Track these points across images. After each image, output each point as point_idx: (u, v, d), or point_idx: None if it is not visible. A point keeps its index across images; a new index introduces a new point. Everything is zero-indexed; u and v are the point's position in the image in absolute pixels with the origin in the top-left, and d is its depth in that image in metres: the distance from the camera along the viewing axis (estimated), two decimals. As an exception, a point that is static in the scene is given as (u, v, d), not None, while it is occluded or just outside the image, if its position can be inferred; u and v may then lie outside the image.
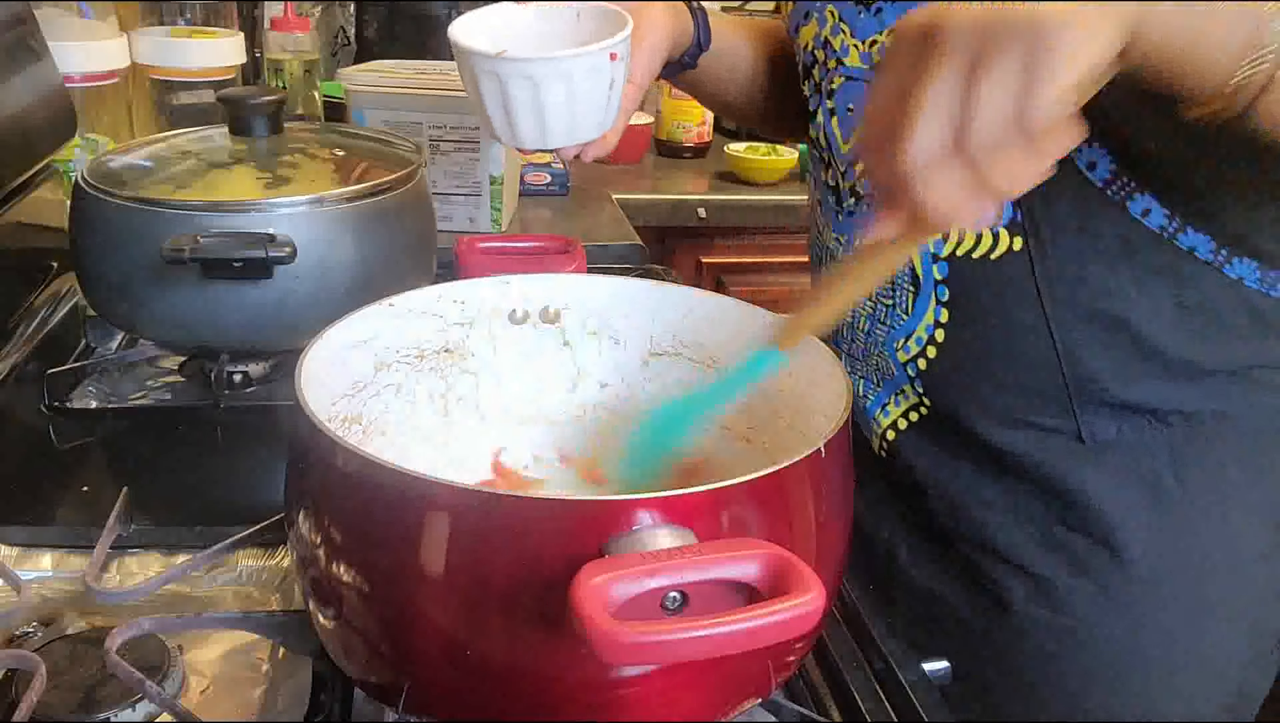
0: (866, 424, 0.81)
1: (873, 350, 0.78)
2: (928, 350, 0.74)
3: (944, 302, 0.72)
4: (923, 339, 0.74)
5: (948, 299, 0.72)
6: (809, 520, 0.49)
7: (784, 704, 0.57)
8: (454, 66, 0.78)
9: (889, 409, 0.79)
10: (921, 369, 0.75)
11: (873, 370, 0.79)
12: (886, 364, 0.77)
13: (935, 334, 0.73)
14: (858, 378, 0.80)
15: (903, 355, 0.76)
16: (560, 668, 0.45)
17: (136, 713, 0.54)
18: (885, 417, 0.79)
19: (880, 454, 0.81)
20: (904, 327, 0.75)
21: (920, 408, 0.77)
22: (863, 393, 0.80)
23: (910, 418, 0.78)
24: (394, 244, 0.87)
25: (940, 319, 0.73)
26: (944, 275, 0.71)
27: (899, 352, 0.76)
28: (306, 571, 0.51)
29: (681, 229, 1.59)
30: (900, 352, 0.76)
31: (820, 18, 0.77)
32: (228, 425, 0.86)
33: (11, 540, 0.67)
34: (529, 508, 0.44)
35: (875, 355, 0.78)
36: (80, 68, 1.14)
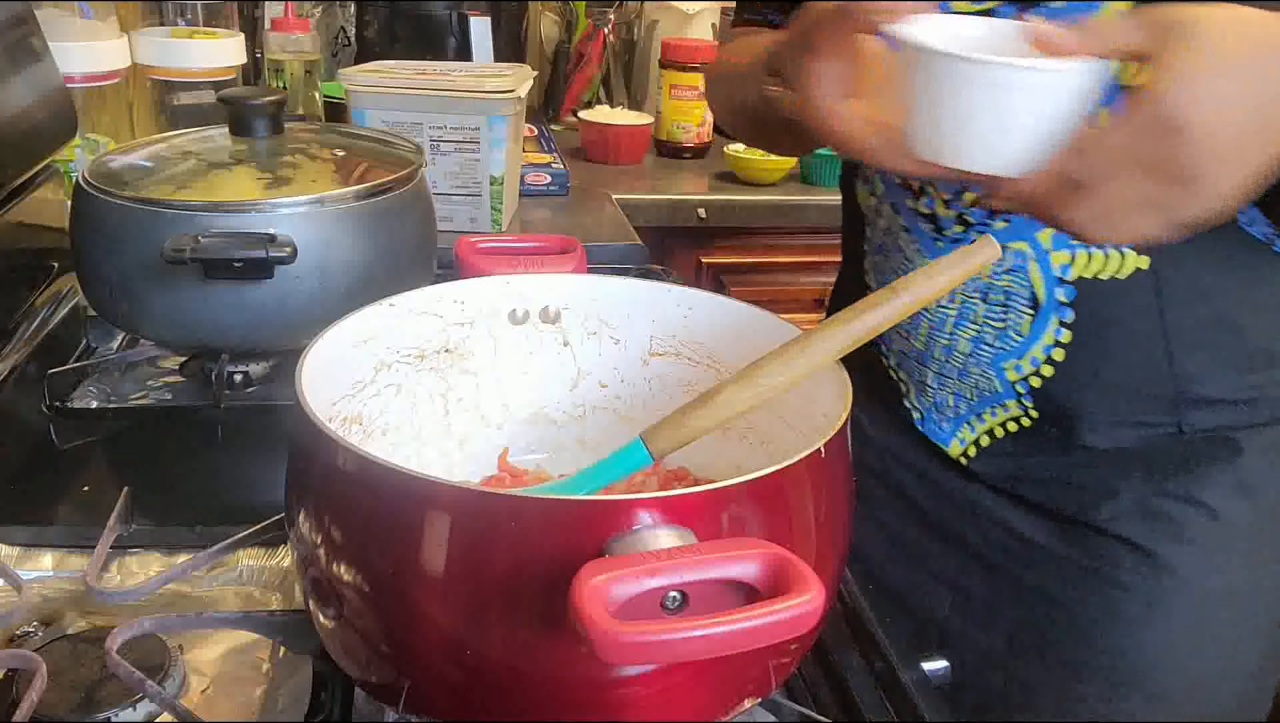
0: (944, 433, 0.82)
1: (973, 370, 0.78)
2: (1043, 370, 0.75)
3: (1067, 323, 0.73)
4: (1039, 359, 0.75)
5: (1072, 321, 0.73)
6: (809, 520, 0.49)
7: (784, 704, 0.57)
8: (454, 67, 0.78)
9: (984, 418, 0.80)
10: (1034, 387, 0.76)
11: (969, 387, 0.79)
12: (989, 383, 0.78)
13: (1053, 354, 0.74)
14: (945, 393, 0.81)
15: (1013, 375, 0.76)
16: (560, 668, 0.45)
17: (137, 713, 0.54)
18: (980, 424, 0.80)
19: (960, 460, 0.82)
20: (1016, 348, 0.75)
21: (1023, 420, 0.78)
22: (952, 405, 0.81)
23: (1009, 428, 0.79)
24: (394, 244, 0.87)
25: (1061, 340, 0.73)
26: (1070, 298, 0.72)
27: (1008, 371, 0.76)
28: (307, 570, 0.51)
29: (681, 229, 1.59)
30: (1010, 371, 0.76)
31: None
32: (228, 425, 0.86)
33: (12, 540, 0.67)
34: (529, 508, 0.44)
35: (976, 374, 0.78)
36: (81, 68, 1.14)
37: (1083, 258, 0.71)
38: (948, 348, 0.79)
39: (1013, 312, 0.75)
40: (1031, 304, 0.73)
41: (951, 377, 0.80)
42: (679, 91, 1.74)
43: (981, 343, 0.77)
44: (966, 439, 0.81)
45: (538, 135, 1.64)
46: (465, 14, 1.64)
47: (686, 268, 1.62)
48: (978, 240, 0.54)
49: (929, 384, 0.82)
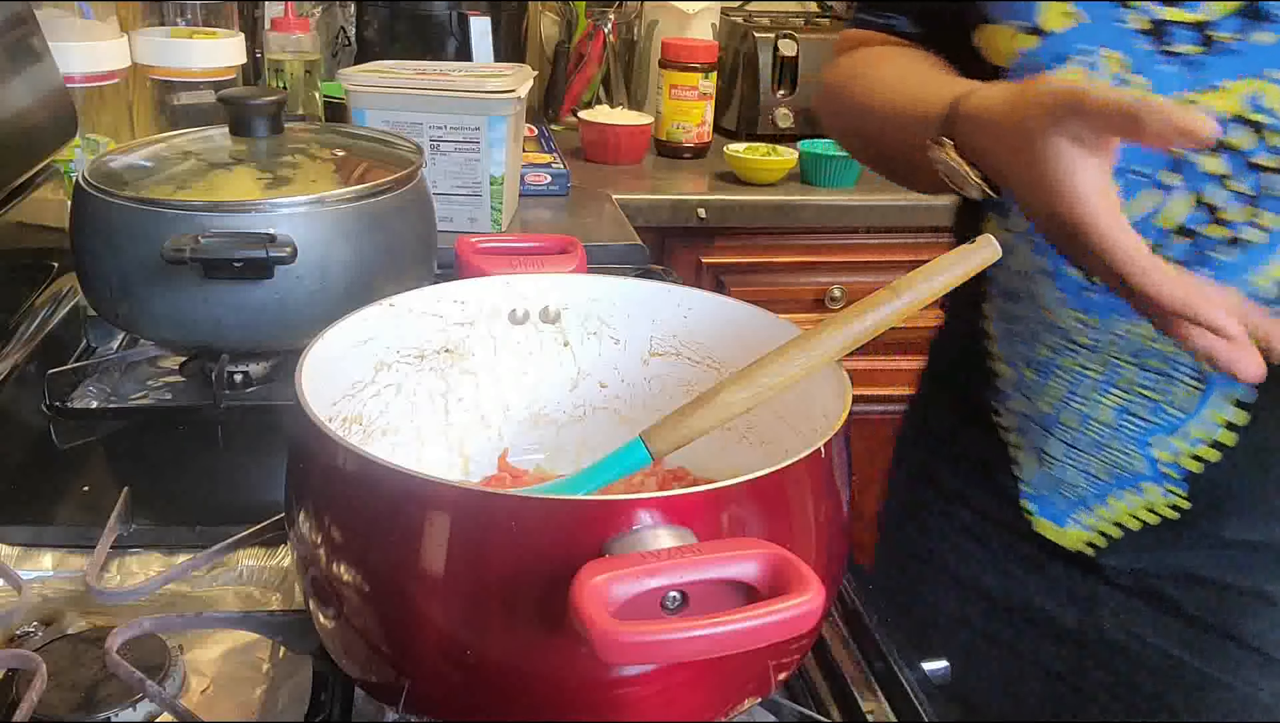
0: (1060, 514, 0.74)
1: (1114, 444, 0.69)
2: (1204, 452, 0.66)
3: (1246, 403, 0.65)
4: (1201, 440, 0.66)
5: (1253, 401, 0.64)
6: (809, 520, 0.49)
7: (784, 704, 0.57)
8: (454, 67, 0.78)
9: (1112, 503, 0.71)
10: (1191, 472, 0.67)
11: (1103, 464, 0.70)
12: (1130, 461, 0.69)
13: (1220, 436, 0.66)
14: (1070, 467, 0.72)
15: (1163, 454, 0.67)
16: (560, 668, 0.45)
17: (137, 713, 0.54)
18: (1107, 510, 0.71)
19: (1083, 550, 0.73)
20: (1172, 424, 0.67)
21: (1163, 508, 0.69)
22: (1076, 483, 0.72)
23: (1148, 519, 0.70)
24: (394, 244, 0.87)
25: (1234, 421, 0.65)
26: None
27: (1156, 450, 0.67)
28: (307, 570, 0.51)
29: (681, 229, 1.59)
30: (1159, 450, 0.67)
31: (1093, 64, 0.63)
32: (228, 425, 0.86)
33: (12, 540, 0.67)
34: (529, 508, 0.44)
35: (1116, 449, 0.69)
36: (81, 68, 1.14)
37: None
38: (1084, 415, 0.70)
39: (1175, 382, 0.65)
40: (1198, 376, 0.64)
41: (1083, 450, 0.71)
42: (679, 91, 1.74)
43: (1128, 414, 0.68)
44: (1090, 526, 0.72)
45: (538, 135, 1.64)
46: (465, 14, 1.64)
47: (686, 268, 1.62)
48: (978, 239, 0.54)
49: (1051, 455, 0.72)
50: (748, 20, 1.87)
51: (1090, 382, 0.69)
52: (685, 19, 1.89)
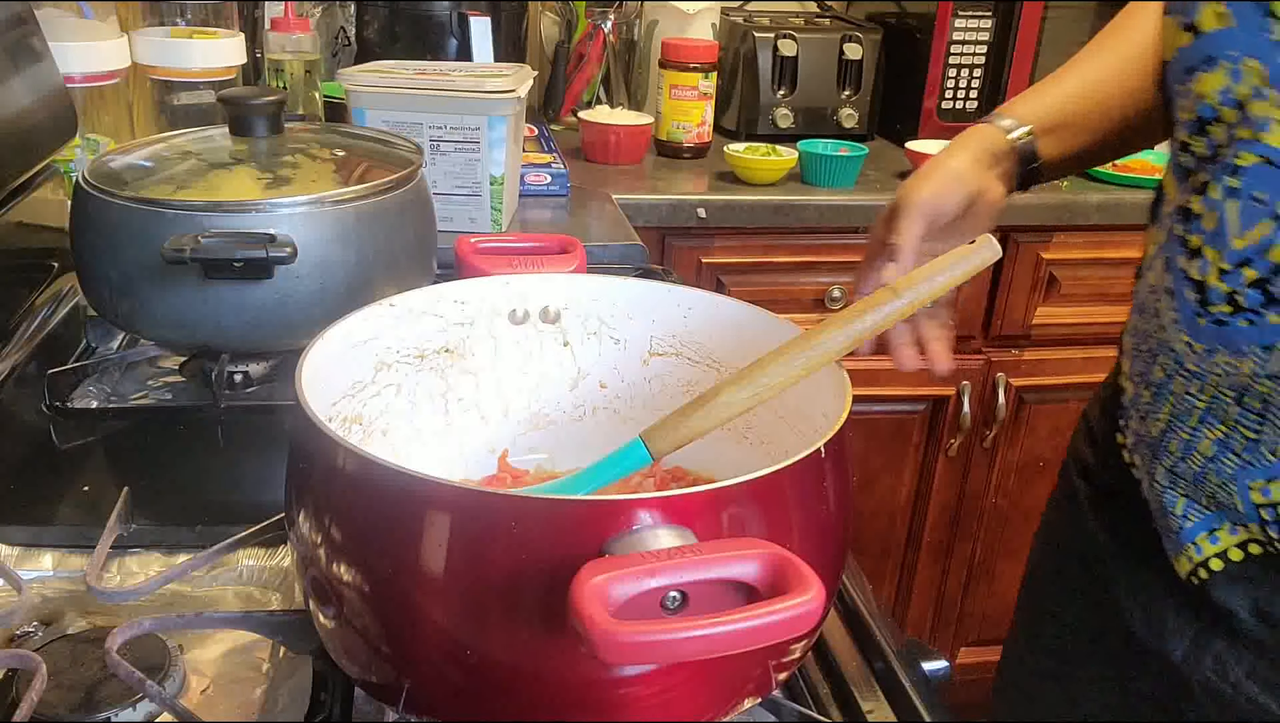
0: (1177, 545, 0.70)
1: (1212, 478, 0.66)
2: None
3: None
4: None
5: None
6: (809, 520, 0.49)
7: (784, 704, 0.57)
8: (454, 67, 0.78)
9: (1218, 536, 0.67)
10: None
11: (1204, 495, 0.67)
12: (1229, 497, 0.65)
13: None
14: (1175, 495, 0.68)
15: (1259, 497, 0.64)
16: (560, 668, 0.45)
17: (137, 713, 0.54)
18: (1213, 543, 0.67)
19: (1190, 581, 0.70)
20: (1269, 469, 0.63)
21: (1270, 546, 0.65)
22: (1183, 513, 0.68)
23: (1250, 550, 0.67)
24: (394, 244, 0.87)
25: None
26: None
27: (1253, 492, 0.64)
28: (307, 570, 0.51)
29: (681, 229, 1.59)
30: (1255, 493, 0.64)
31: (1235, 71, 0.59)
32: (228, 425, 0.86)
33: (12, 540, 0.67)
34: (529, 508, 0.44)
35: (1214, 484, 0.66)
36: (81, 68, 1.14)
37: None
38: (1187, 444, 0.67)
39: (1271, 425, 0.62)
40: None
41: (1186, 479, 0.67)
42: (679, 91, 1.74)
43: (1228, 450, 0.64)
44: (1201, 553, 0.68)
45: (538, 135, 1.64)
46: (465, 14, 1.64)
47: (686, 268, 1.62)
48: (978, 239, 0.54)
49: (1158, 480, 0.69)
50: (748, 20, 1.87)
51: (1195, 410, 0.66)
52: (685, 19, 1.89)
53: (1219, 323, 0.62)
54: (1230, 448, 0.64)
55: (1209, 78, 0.61)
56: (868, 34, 1.82)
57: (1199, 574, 0.68)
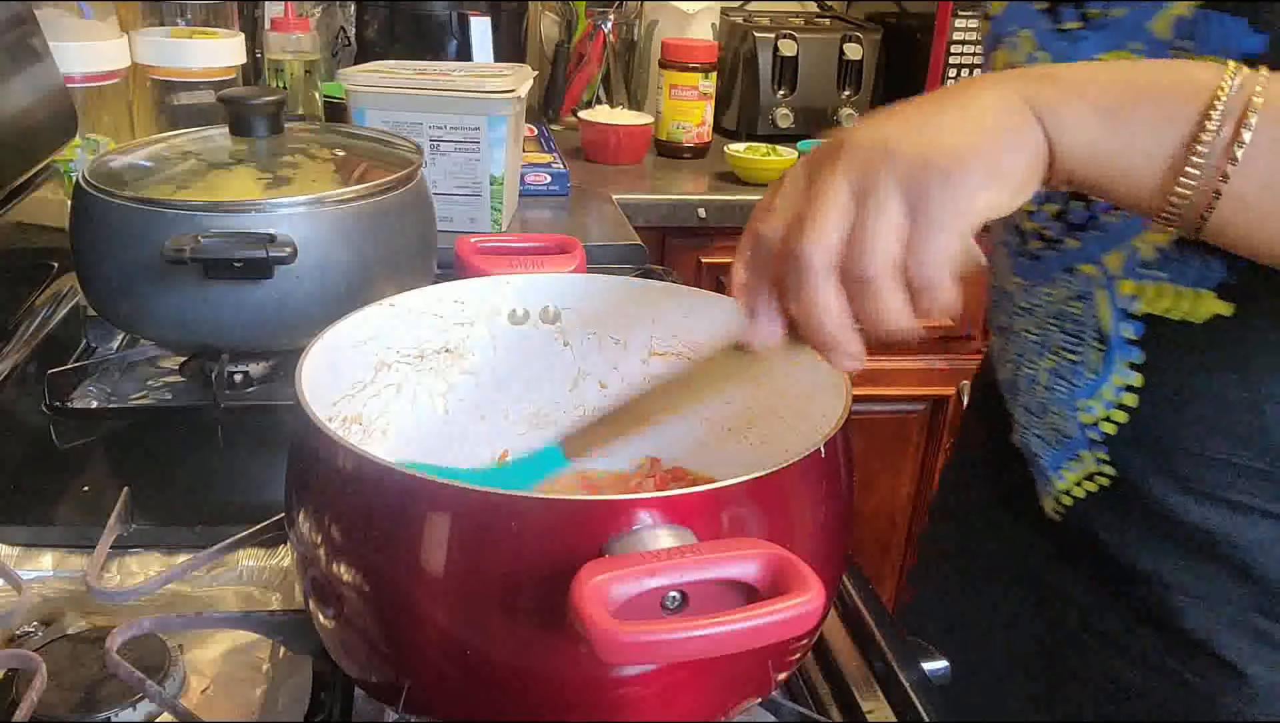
0: (1042, 484, 0.74)
1: (1051, 407, 0.71)
2: (1115, 415, 0.67)
3: (1137, 365, 0.65)
4: (1110, 402, 0.67)
5: (1142, 362, 0.65)
6: (809, 520, 0.49)
7: (784, 704, 0.57)
8: (454, 67, 0.78)
9: (1064, 474, 0.72)
10: (1108, 434, 0.68)
11: (1049, 429, 0.71)
12: (1065, 425, 0.70)
13: (1124, 398, 0.66)
14: (1031, 435, 0.73)
15: (1085, 417, 0.68)
16: (560, 668, 0.45)
17: (137, 713, 0.54)
18: (1060, 481, 0.72)
19: (1054, 517, 0.74)
20: (1088, 387, 0.68)
21: (1100, 478, 0.70)
22: (1037, 452, 0.73)
23: (1088, 487, 0.71)
24: (394, 244, 0.87)
25: (1131, 383, 0.66)
26: (1137, 335, 0.65)
27: (1080, 412, 0.69)
28: (307, 570, 0.51)
29: (681, 229, 1.59)
30: (1083, 412, 0.68)
31: (1014, 43, 0.69)
32: (228, 425, 0.86)
33: (12, 540, 0.67)
34: (529, 508, 0.44)
35: (1053, 413, 0.71)
36: (81, 68, 1.14)
37: (1151, 291, 0.63)
38: (1031, 379, 0.72)
39: (1085, 344, 0.67)
40: (1100, 337, 0.66)
41: (1035, 414, 0.72)
42: (679, 91, 1.74)
43: (1058, 377, 0.69)
44: (1051, 494, 0.73)
45: (538, 135, 1.64)
46: (465, 14, 1.64)
47: (686, 268, 1.62)
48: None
49: (1019, 421, 0.74)
50: (748, 20, 1.87)
51: (1032, 346, 0.71)
52: (685, 19, 1.89)
53: (1035, 258, 0.69)
54: (1060, 375, 0.69)
55: (999, 55, 0.71)
56: (868, 34, 1.82)
57: (1060, 511, 0.73)
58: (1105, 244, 0.65)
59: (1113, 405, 0.67)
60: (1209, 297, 0.61)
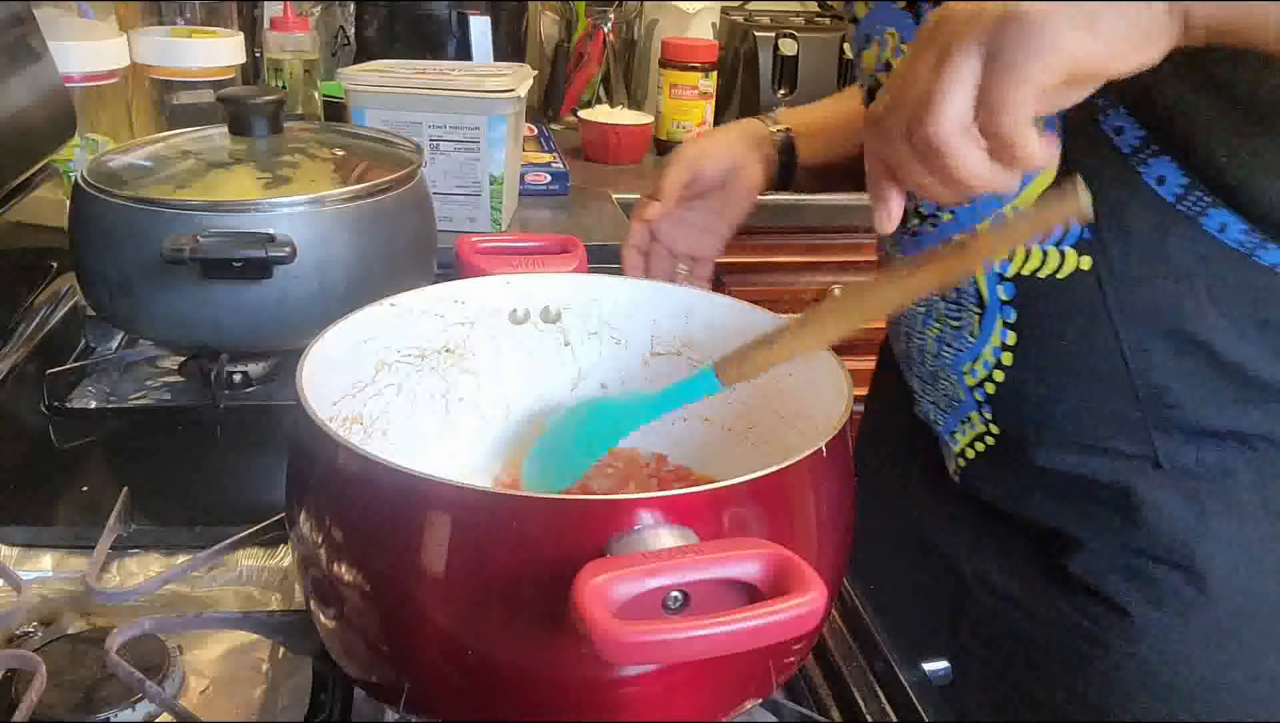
0: (944, 449, 0.78)
1: (940, 374, 0.75)
2: (995, 375, 0.71)
3: (1011, 324, 0.69)
4: (990, 363, 0.71)
5: (1015, 321, 0.69)
6: (810, 520, 0.49)
7: (784, 704, 0.57)
8: (454, 66, 0.79)
9: (957, 437, 0.76)
10: (990, 394, 0.71)
11: (941, 395, 0.76)
12: (954, 389, 0.74)
13: (1002, 357, 0.70)
14: (927, 403, 0.77)
15: (969, 379, 0.72)
16: (561, 668, 0.45)
17: (136, 713, 0.54)
18: (954, 444, 0.76)
19: (954, 478, 0.78)
20: (971, 350, 0.71)
21: (987, 437, 0.74)
22: (933, 418, 0.77)
23: (978, 447, 0.75)
24: (394, 244, 0.87)
25: (1007, 342, 0.69)
26: (1010, 296, 0.68)
27: (965, 375, 0.72)
28: (307, 570, 0.51)
29: (681, 229, 1.59)
30: (967, 375, 0.72)
31: (882, 41, 0.74)
32: (228, 425, 0.86)
33: (11, 540, 0.67)
34: (530, 508, 0.44)
35: (943, 379, 0.74)
36: (80, 67, 1.14)
37: (1020, 253, 0.67)
38: (921, 349, 0.76)
39: (965, 309, 0.71)
40: (978, 301, 0.70)
41: (928, 382, 0.76)
42: (679, 91, 1.74)
43: (944, 344, 0.73)
44: (952, 456, 0.77)
45: (538, 135, 1.64)
46: (465, 14, 1.64)
47: (686, 268, 1.62)
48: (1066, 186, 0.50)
49: (915, 391, 0.78)
50: (748, 20, 1.87)
51: (919, 317, 0.75)
52: (685, 18, 1.89)
53: (915, 235, 0.74)
54: (945, 341, 0.73)
55: (868, 53, 0.75)
56: (867, 34, 1.81)
57: (958, 473, 0.77)
58: (975, 215, 0.68)
59: (992, 366, 0.71)
60: (1070, 253, 0.65)
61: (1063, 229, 0.66)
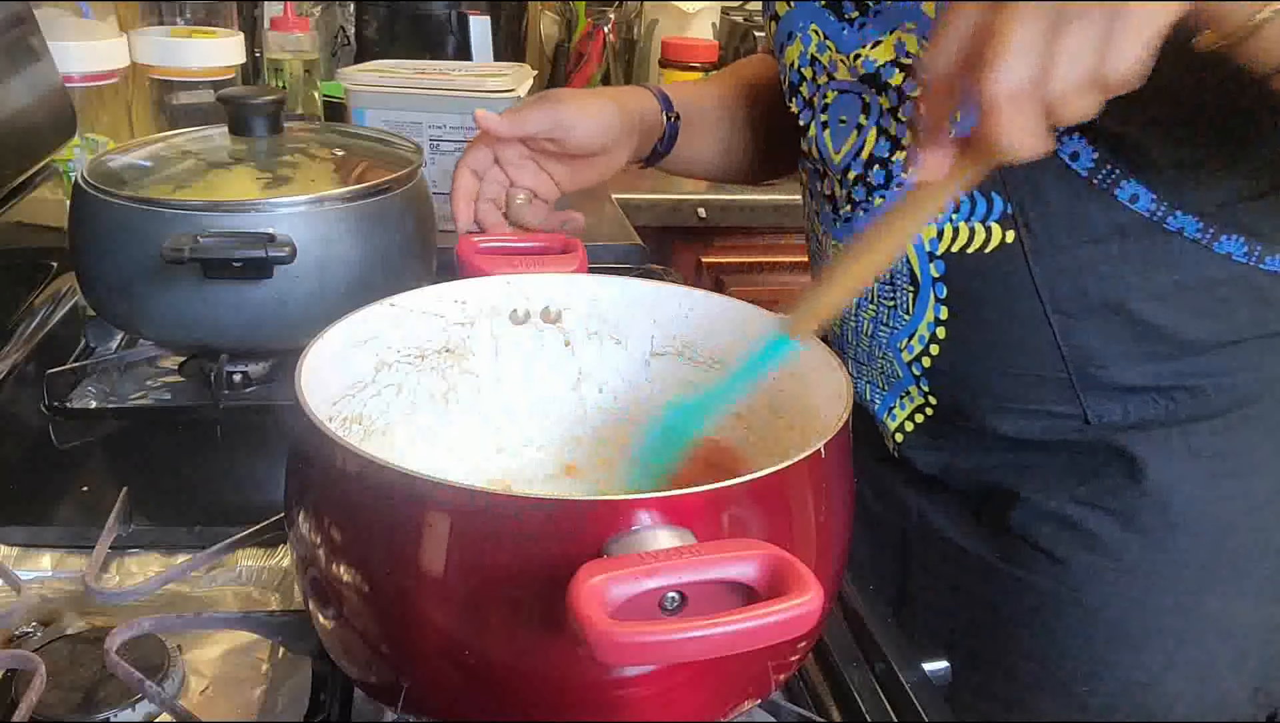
0: (877, 427, 0.82)
1: (877, 353, 0.78)
2: (930, 349, 0.75)
3: (943, 299, 0.73)
4: (925, 338, 0.75)
5: (946, 296, 0.73)
6: (809, 521, 0.49)
7: (783, 705, 0.57)
8: (454, 66, 0.79)
9: (895, 412, 0.79)
10: (926, 367, 0.75)
11: (878, 374, 0.79)
12: (891, 367, 0.78)
13: (937, 332, 0.74)
14: (863, 382, 0.81)
15: (906, 355, 0.76)
16: (559, 668, 0.45)
17: (136, 713, 0.54)
18: (893, 420, 0.80)
19: (894, 454, 0.82)
20: (906, 327, 0.75)
21: (926, 409, 0.78)
22: (870, 397, 0.80)
23: (917, 419, 0.79)
24: (394, 244, 0.87)
25: (940, 316, 0.73)
26: (941, 272, 0.72)
27: (903, 352, 0.76)
28: (306, 570, 0.51)
29: (681, 229, 1.59)
30: (904, 352, 0.76)
31: (805, 37, 0.78)
32: (228, 425, 0.86)
33: (11, 541, 0.67)
34: (529, 508, 0.44)
35: (880, 358, 0.78)
36: (80, 68, 1.14)
37: (949, 231, 0.71)
38: (855, 331, 0.79)
39: (899, 289, 0.74)
40: (912, 280, 0.73)
41: (863, 362, 0.80)
42: (679, 91, 1.74)
43: (880, 324, 0.77)
44: (888, 434, 0.81)
45: (538, 135, 1.64)
46: (465, 14, 1.64)
47: (686, 268, 1.62)
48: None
49: (851, 372, 0.80)
50: (748, 20, 1.87)
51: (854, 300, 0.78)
52: (685, 18, 1.89)
53: (848, 221, 0.78)
54: (880, 321, 0.77)
55: (791, 49, 0.80)
56: (868, 34, 1.81)
57: (897, 447, 0.81)
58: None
59: (927, 340, 0.75)
60: (995, 228, 0.69)
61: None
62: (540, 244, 0.77)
